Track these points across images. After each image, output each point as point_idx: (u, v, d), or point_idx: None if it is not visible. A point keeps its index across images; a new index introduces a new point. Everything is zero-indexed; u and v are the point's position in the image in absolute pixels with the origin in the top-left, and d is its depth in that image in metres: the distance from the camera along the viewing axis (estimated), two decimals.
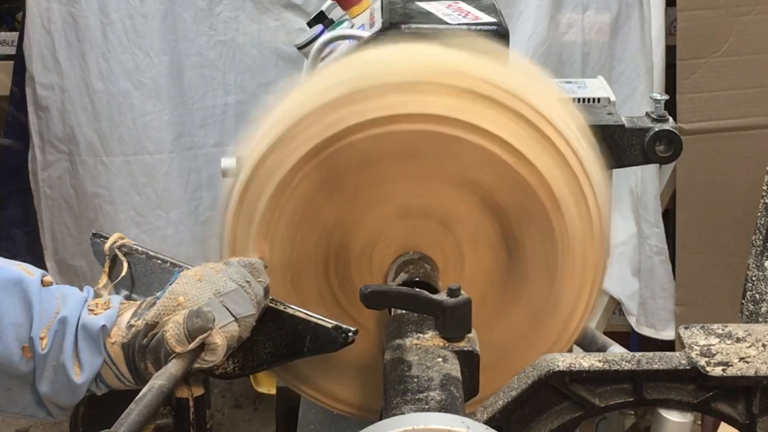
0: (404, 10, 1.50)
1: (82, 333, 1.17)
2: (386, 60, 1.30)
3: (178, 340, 1.13)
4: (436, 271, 1.26)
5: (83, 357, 1.17)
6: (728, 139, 2.69)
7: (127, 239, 1.32)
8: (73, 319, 1.17)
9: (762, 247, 1.50)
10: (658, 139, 1.54)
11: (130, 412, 1.03)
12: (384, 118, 1.21)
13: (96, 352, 1.17)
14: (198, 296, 1.16)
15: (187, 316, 1.14)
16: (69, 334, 1.17)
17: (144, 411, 1.04)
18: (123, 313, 1.20)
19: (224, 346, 1.15)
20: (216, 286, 1.17)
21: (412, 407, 1.00)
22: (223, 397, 3.38)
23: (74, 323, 1.17)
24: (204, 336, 1.13)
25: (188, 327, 1.13)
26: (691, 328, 1.12)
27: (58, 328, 1.17)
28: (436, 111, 1.21)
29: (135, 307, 1.20)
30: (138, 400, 1.05)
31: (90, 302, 1.20)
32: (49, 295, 1.19)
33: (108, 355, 1.18)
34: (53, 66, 2.84)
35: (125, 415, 1.02)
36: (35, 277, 1.19)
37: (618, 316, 3.01)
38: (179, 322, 1.14)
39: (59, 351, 1.16)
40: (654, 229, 2.83)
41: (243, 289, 1.18)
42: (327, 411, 1.39)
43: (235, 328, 1.16)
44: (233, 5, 2.88)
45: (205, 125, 2.95)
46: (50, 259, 3.01)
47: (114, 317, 1.19)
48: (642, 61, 2.83)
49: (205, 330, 1.13)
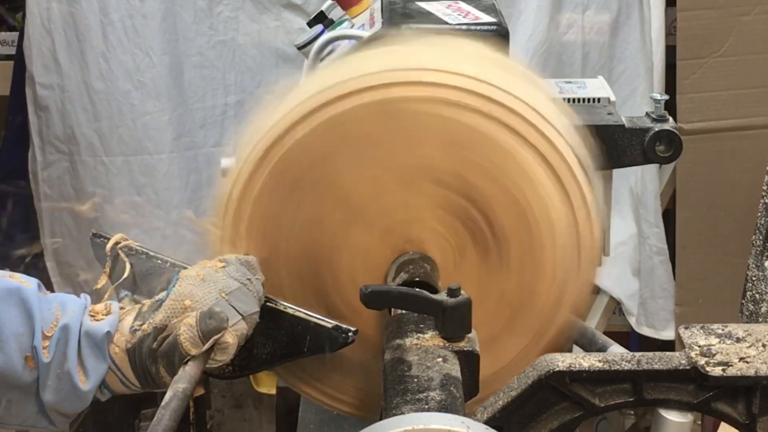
0: (404, 10, 1.50)
1: (86, 340, 1.17)
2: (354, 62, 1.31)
3: (193, 343, 1.14)
4: (436, 271, 1.26)
5: (88, 364, 1.17)
6: (728, 139, 2.69)
7: (130, 240, 1.32)
8: (75, 327, 1.17)
9: (762, 247, 1.50)
10: (658, 139, 1.54)
11: (161, 418, 1.03)
12: (324, 103, 1.22)
13: (101, 358, 1.17)
14: (204, 297, 1.16)
15: (200, 318, 1.14)
16: (72, 342, 1.16)
17: (174, 416, 1.04)
18: (124, 318, 1.20)
19: (235, 345, 1.16)
20: (219, 285, 1.17)
21: (412, 407, 1.00)
22: (223, 397, 3.38)
23: (77, 330, 1.17)
24: (218, 336, 1.14)
25: (202, 329, 1.14)
26: (691, 328, 1.12)
27: (61, 335, 1.16)
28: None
29: (136, 311, 1.20)
30: (165, 405, 1.06)
31: (90, 308, 1.20)
32: (48, 304, 1.18)
33: (112, 361, 1.18)
34: (53, 66, 2.84)
35: (156, 422, 1.03)
36: (32, 286, 1.18)
37: (618, 316, 3.01)
38: (192, 325, 1.14)
39: (63, 359, 1.16)
40: (654, 229, 2.83)
41: (245, 286, 1.18)
42: (327, 411, 1.39)
43: (243, 326, 1.17)
44: (233, 5, 2.88)
45: (205, 125, 2.95)
46: (50, 259, 3.01)
47: (116, 322, 1.18)
48: (642, 61, 2.83)
49: (220, 330, 1.14)
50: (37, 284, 1.20)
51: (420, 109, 1.22)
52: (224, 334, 1.14)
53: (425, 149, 1.24)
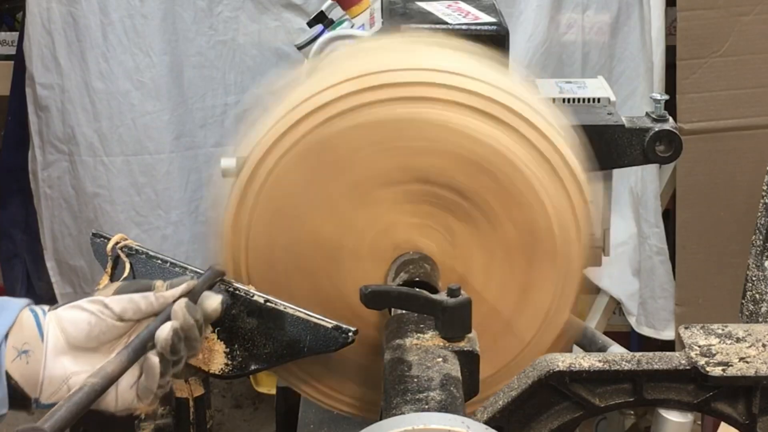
0: (404, 10, 1.50)
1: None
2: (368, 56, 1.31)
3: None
4: (436, 271, 1.26)
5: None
6: (728, 139, 2.69)
7: (130, 240, 1.32)
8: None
9: (762, 247, 1.50)
10: (658, 139, 1.54)
11: (59, 408, 1.02)
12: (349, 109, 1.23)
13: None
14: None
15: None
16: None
17: (72, 408, 1.03)
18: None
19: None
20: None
21: (412, 407, 1.00)
22: (223, 397, 3.38)
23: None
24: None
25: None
26: (691, 328, 1.12)
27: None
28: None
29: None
30: (69, 396, 1.05)
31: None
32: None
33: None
34: (53, 66, 2.84)
35: (54, 410, 1.02)
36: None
37: (618, 316, 3.01)
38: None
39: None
40: (654, 229, 2.83)
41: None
42: (327, 411, 1.38)
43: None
44: (233, 5, 2.88)
45: (205, 125, 2.95)
46: (50, 259, 3.01)
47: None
48: (642, 61, 2.83)
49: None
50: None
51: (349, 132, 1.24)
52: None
53: (360, 161, 1.24)
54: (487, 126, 1.23)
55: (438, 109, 1.23)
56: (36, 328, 1.15)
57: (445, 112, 1.23)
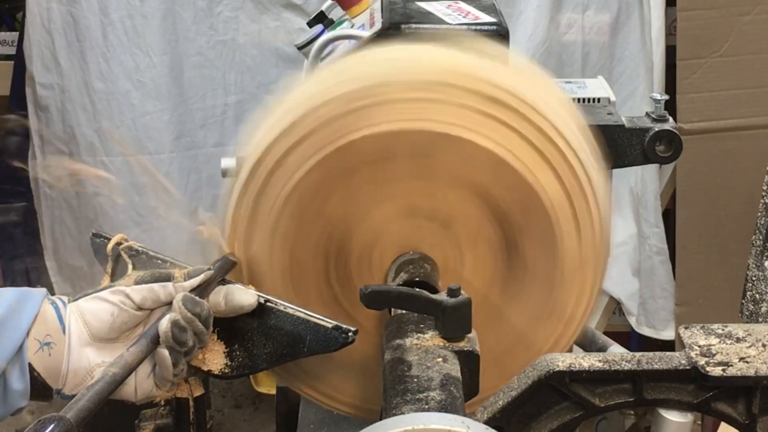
0: (404, 10, 1.50)
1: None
2: (396, 58, 1.29)
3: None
4: (436, 271, 1.26)
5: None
6: (728, 139, 2.70)
7: (130, 240, 1.32)
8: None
9: (762, 247, 1.50)
10: (658, 139, 1.54)
11: (81, 397, 1.02)
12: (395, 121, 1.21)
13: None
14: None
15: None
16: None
17: (94, 398, 1.03)
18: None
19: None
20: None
21: (412, 407, 1.00)
22: (223, 397, 3.38)
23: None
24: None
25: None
26: (691, 328, 1.12)
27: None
28: (448, 118, 1.21)
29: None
30: (90, 386, 1.05)
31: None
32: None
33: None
34: (53, 66, 2.84)
35: (75, 400, 1.02)
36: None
37: (618, 316, 3.02)
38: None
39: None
40: (654, 229, 2.83)
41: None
42: (327, 411, 1.38)
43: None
44: (233, 5, 2.88)
45: (205, 125, 2.95)
46: (50, 259, 3.01)
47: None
48: (642, 61, 2.83)
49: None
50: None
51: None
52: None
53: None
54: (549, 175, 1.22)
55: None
56: (57, 320, 1.16)
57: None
